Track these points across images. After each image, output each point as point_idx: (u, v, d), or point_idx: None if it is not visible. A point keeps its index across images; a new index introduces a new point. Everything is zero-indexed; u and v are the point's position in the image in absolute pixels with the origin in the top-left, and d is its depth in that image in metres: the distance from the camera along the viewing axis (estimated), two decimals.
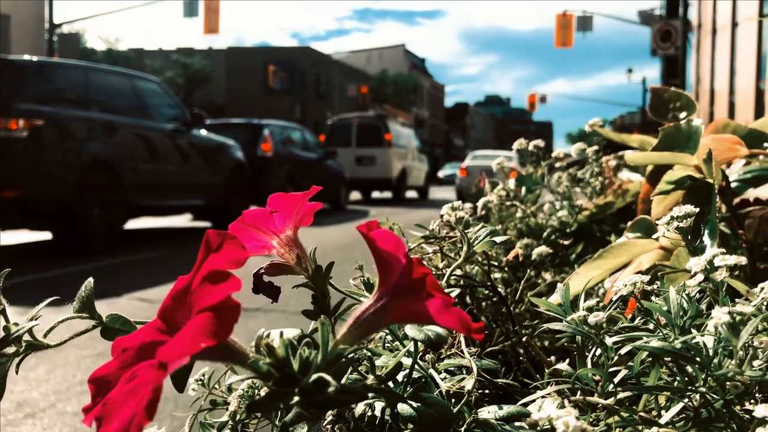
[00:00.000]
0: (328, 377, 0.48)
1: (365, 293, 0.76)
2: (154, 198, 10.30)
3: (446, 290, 0.72)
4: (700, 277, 0.65)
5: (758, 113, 17.40)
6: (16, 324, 0.71)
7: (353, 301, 0.75)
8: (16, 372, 0.73)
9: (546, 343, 1.36)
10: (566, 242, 1.85)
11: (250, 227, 0.74)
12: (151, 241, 11.23)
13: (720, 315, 0.56)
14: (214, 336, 0.45)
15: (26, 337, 0.71)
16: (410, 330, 0.66)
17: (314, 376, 0.49)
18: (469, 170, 24.00)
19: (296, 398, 0.50)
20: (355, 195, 24.83)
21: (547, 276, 1.58)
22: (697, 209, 0.80)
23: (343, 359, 0.52)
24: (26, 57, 9.53)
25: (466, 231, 1.15)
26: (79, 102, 9.10)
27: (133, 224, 11.65)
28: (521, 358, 1.05)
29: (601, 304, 0.74)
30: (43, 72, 8.91)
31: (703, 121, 1.36)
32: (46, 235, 10.09)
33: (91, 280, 0.74)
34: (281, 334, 0.52)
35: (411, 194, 27.31)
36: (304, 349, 0.51)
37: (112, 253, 9.16)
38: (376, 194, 26.23)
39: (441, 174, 53.35)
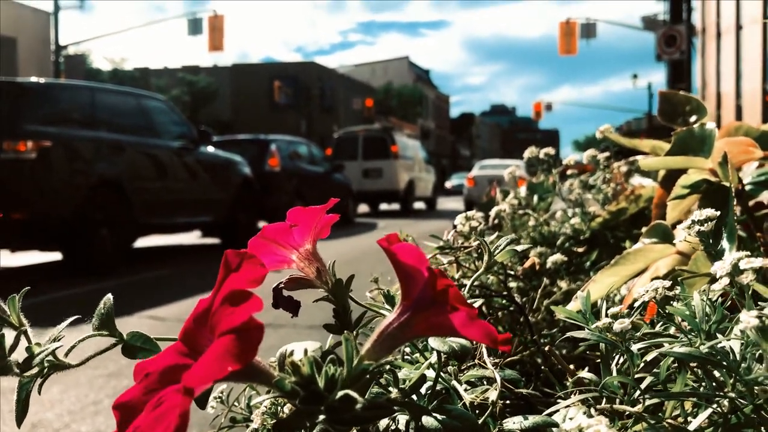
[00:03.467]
0: (354, 394, 0.48)
1: (386, 306, 0.76)
2: (163, 216, 10.34)
3: (469, 301, 0.71)
4: (726, 280, 0.65)
5: (765, 116, 17.35)
6: (38, 344, 0.71)
7: (373, 315, 0.75)
8: (39, 393, 0.72)
9: (564, 351, 1.35)
10: (580, 250, 1.84)
11: (270, 242, 0.73)
12: (160, 259, 11.23)
13: (749, 319, 0.55)
14: (239, 359, 0.44)
15: (48, 357, 0.71)
16: (434, 342, 0.65)
17: (340, 394, 0.48)
18: (476, 180, 24.03)
19: (322, 416, 0.49)
20: (363, 208, 24.81)
21: (563, 284, 1.57)
22: (718, 212, 0.79)
23: (368, 375, 0.52)
24: (33, 79, 9.64)
25: (479, 241, 1.14)
26: (86, 122, 9.16)
27: (142, 243, 11.66)
28: (543, 367, 1.04)
29: (625, 311, 0.73)
30: (50, 93, 8.95)
31: None
32: (55, 256, 10.10)
33: (110, 296, 0.74)
34: (305, 351, 0.52)
35: (419, 205, 27.12)
36: (329, 367, 0.50)
37: (122, 272, 9.15)
38: (383, 206, 26.02)
39: (448, 184, 53.38)
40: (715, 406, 0.61)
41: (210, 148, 11.75)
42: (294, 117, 57.64)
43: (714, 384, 0.62)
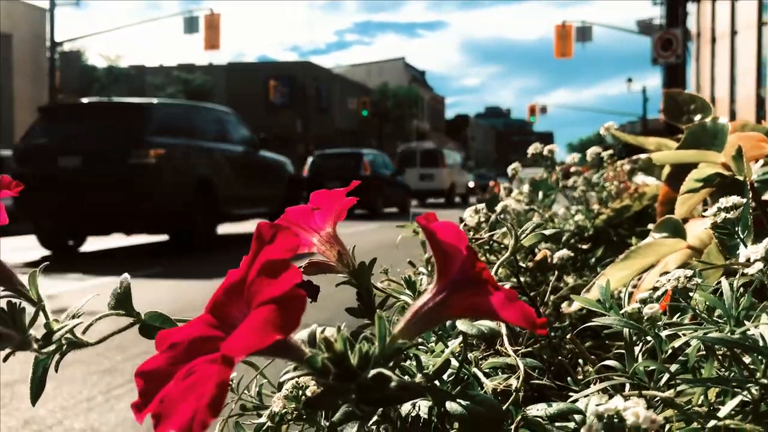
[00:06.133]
0: (388, 372, 0.47)
1: (406, 291, 0.75)
2: (237, 207, 12.86)
3: None
4: (759, 265, 0.64)
5: (759, 121, 17.38)
6: (56, 321, 0.70)
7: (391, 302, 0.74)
8: (56, 370, 0.71)
9: (568, 346, 1.35)
10: (584, 246, 1.84)
11: (293, 224, 0.72)
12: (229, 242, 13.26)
13: None
14: (282, 329, 0.43)
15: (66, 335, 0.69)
16: (462, 325, 0.64)
17: (373, 371, 0.47)
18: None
19: (353, 395, 0.48)
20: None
21: (569, 280, 1.57)
22: (744, 200, 0.79)
23: (402, 354, 0.50)
24: (148, 100, 12.72)
25: (492, 233, 1.14)
26: (187, 133, 11.75)
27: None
28: (559, 357, 1.03)
29: (654, 296, 0.72)
30: (160, 110, 11.69)
31: None
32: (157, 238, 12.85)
33: (126, 276, 0.73)
34: (338, 328, 0.51)
35: (457, 200, 34.78)
36: (363, 343, 0.49)
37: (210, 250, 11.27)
38: (430, 200, 33.75)
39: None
40: (744, 393, 0.60)
41: (266, 153, 14.34)
42: (289, 117, 57.52)
43: (744, 371, 0.61)
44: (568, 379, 0.93)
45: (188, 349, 0.50)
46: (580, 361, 1.18)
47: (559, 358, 1.02)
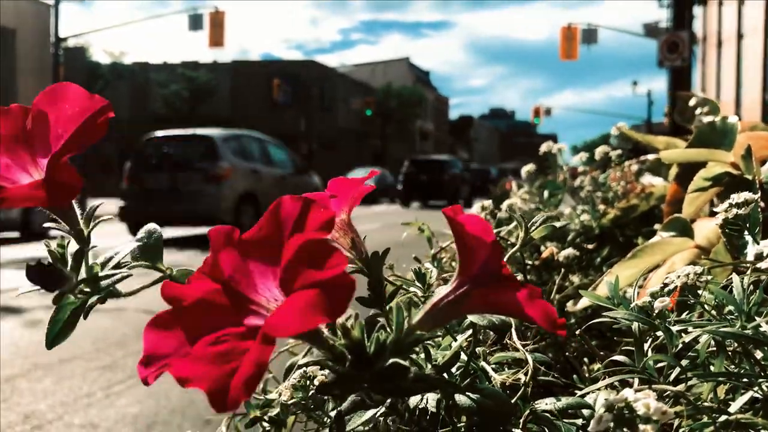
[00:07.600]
0: (404, 363, 0.46)
1: (416, 284, 0.75)
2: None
3: None
4: None
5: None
6: (96, 264, 0.66)
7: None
8: (84, 318, 0.68)
9: (573, 344, 1.35)
10: (590, 246, 1.83)
11: None
12: None
13: None
14: (330, 313, 0.42)
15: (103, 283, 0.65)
16: (473, 316, 0.64)
17: (390, 361, 0.47)
18: None
19: (366, 383, 0.47)
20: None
21: (575, 279, 1.56)
22: (756, 196, 0.78)
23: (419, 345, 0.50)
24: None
25: (499, 230, 1.14)
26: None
27: None
28: (566, 354, 1.03)
29: (666, 290, 0.72)
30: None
31: None
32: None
33: (156, 227, 0.70)
34: (356, 315, 0.50)
35: None
36: (381, 332, 0.48)
37: None
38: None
39: None
40: (755, 389, 0.60)
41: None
42: (293, 115, 57.49)
43: (755, 366, 0.61)
44: (575, 376, 0.92)
45: (202, 313, 0.49)
46: (586, 359, 1.18)
47: (566, 354, 1.02)
